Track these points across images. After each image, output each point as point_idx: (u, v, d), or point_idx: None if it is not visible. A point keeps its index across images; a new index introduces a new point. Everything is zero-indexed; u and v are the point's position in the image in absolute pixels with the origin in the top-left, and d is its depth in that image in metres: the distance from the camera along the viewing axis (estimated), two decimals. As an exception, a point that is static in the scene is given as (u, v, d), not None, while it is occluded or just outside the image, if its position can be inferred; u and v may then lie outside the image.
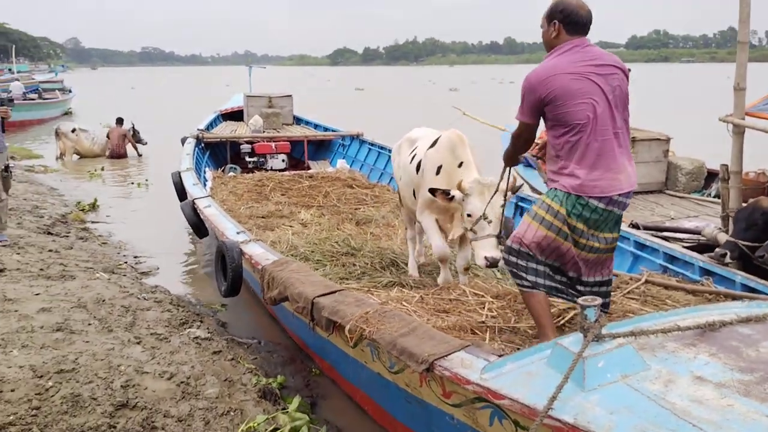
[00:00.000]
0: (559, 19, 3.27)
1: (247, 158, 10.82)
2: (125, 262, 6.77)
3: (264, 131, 11.64)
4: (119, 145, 14.86)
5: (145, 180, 12.14)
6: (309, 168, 10.92)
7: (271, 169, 10.64)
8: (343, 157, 11.31)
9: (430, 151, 4.57)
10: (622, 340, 2.23)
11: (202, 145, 10.67)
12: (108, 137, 14.88)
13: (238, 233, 5.22)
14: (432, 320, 3.62)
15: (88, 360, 3.69)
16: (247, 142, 10.91)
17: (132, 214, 9.59)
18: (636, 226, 5.68)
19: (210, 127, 12.24)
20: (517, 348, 3.35)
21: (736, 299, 3.93)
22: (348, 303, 3.40)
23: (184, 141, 10.50)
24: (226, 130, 12.04)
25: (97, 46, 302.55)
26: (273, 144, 10.91)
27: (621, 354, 2.20)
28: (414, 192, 4.87)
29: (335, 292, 3.61)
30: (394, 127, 12.90)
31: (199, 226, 6.73)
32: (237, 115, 13.57)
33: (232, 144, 11.01)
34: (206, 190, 7.95)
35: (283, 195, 8.77)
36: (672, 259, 4.76)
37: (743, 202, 4.66)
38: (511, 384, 2.32)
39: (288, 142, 11.10)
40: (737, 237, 4.28)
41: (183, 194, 7.74)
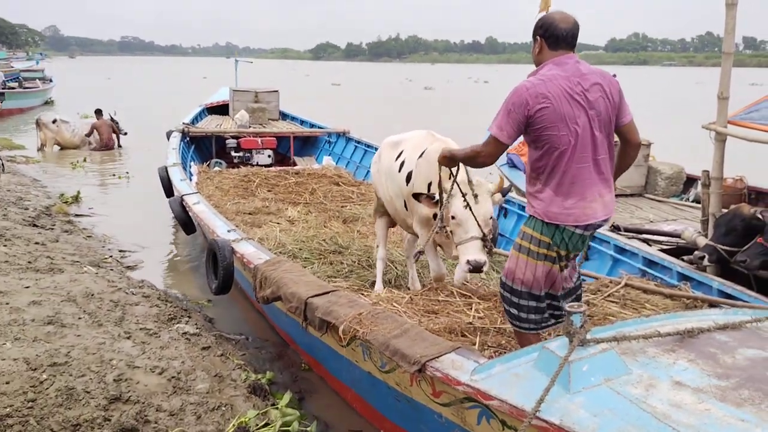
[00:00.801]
0: (540, 35, 3.15)
1: (233, 153, 10.83)
2: (110, 256, 6.79)
3: (250, 126, 11.64)
4: (109, 137, 14.77)
5: (126, 172, 12.10)
6: (295, 164, 10.96)
7: (257, 165, 10.66)
8: (330, 154, 11.37)
9: (420, 162, 4.34)
10: (606, 345, 2.34)
11: (188, 139, 10.66)
12: (95, 129, 14.77)
13: (229, 231, 5.27)
14: (423, 322, 3.72)
15: (80, 354, 3.75)
16: (233, 137, 10.91)
17: (115, 207, 9.57)
18: (617, 228, 5.83)
19: (195, 120, 12.21)
20: (504, 349, 3.46)
21: (712, 305, 4.09)
22: (341, 304, 3.48)
23: (169, 135, 10.48)
24: (212, 125, 12.03)
25: (76, 35, 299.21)
26: (259, 139, 10.93)
27: (604, 358, 2.30)
28: (405, 204, 4.59)
29: (329, 292, 3.70)
30: (364, 121, 13.02)
31: (187, 223, 6.76)
32: (223, 109, 13.54)
33: (218, 138, 11.01)
34: (192, 186, 7.97)
35: (269, 191, 8.82)
36: (650, 263, 4.91)
37: (722, 207, 4.82)
38: (499, 385, 2.42)
39: (274, 138, 11.12)
40: (716, 241, 4.44)
41: (170, 190, 7.76)
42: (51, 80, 29.04)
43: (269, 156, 10.95)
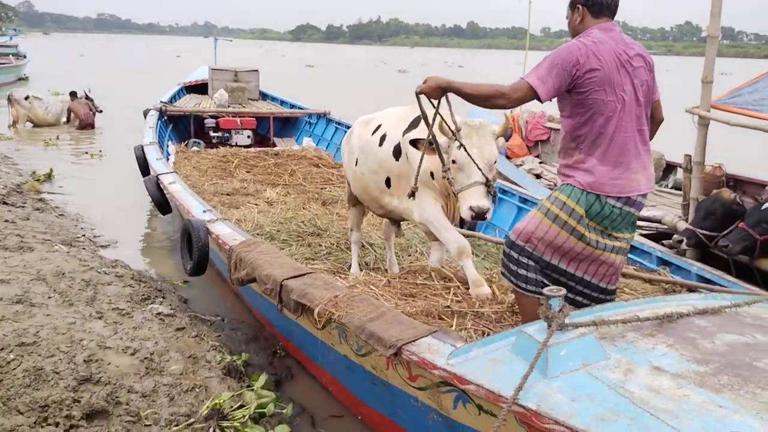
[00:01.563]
0: (582, 2, 3.10)
1: (212, 133, 10.68)
2: (83, 235, 6.66)
3: (229, 106, 11.49)
4: (88, 114, 14.48)
5: (99, 151, 11.87)
6: (274, 145, 10.85)
7: (236, 145, 10.53)
8: (310, 136, 11.27)
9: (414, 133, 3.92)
10: (584, 330, 2.30)
11: (165, 118, 10.49)
12: (72, 111, 14.48)
13: (205, 212, 5.18)
14: (400, 305, 3.68)
15: (49, 334, 3.65)
16: (212, 117, 10.76)
17: (88, 186, 9.38)
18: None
19: (173, 99, 12.02)
20: (483, 332, 3.43)
21: (691, 289, 4.09)
22: (317, 286, 3.42)
23: (146, 113, 10.30)
24: (190, 104, 11.85)
25: (51, 11, 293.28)
26: (238, 119, 10.79)
27: (583, 343, 2.26)
28: (389, 181, 4.24)
29: (304, 274, 3.63)
30: (333, 101, 12.92)
31: (163, 203, 6.64)
32: (201, 89, 13.34)
33: (196, 118, 10.85)
34: (169, 165, 7.84)
35: (248, 172, 8.72)
36: (630, 248, 4.90)
37: (702, 195, 4.82)
38: (476, 370, 2.38)
39: (254, 118, 10.99)
40: (696, 226, 4.45)
41: (146, 169, 7.62)
42: (25, 56, 28.45)
43: (248, 136, 10.82)
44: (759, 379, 2.06)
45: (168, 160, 8.54)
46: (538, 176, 7.84)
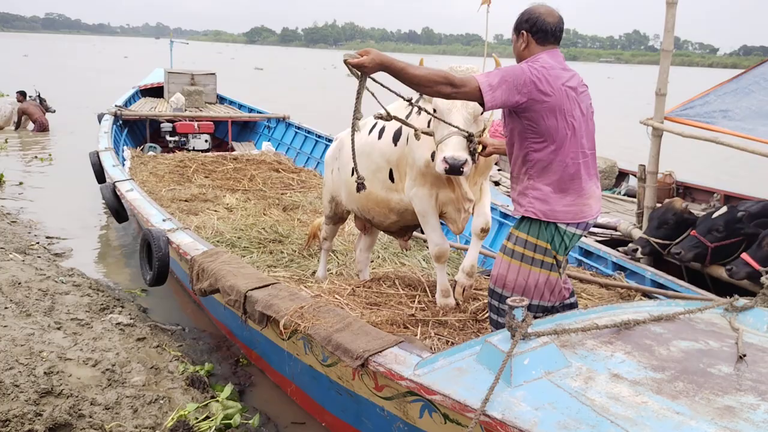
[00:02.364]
0: (527, 29, 3.03)
1: (168, 137, 10.54)
2: (37, 243, 6.49)
3: (186, 110, 11.34)
4: (42, 117, 14.04)
5: (49, 155, 11.56)
6: (233, 150, 10.75)
7: (194, 150, 10.41)
8: (269, 140, 11.20)
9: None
10: (546, 339, 2.36)
11: (120, 122, 10.30)
12: (24, 113, 14.00)
13: (165, 221, 5.11)
14: (365, 314, 3.70)
15: (7, 345, 3.59)
16: (168, 121, 10.62)
17: (41, 192, 9.13)
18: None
19: (128, 103, 11.81)
20: (447, 341, 3.48)
21: (645, 294, 4.23)
22: (282, 297, 3.42)
23: (101, 118, 10.10)
24: (146, 107, 11.66)
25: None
26: (195, 123, 10.67)
27: (545, 352, 2.33)
28: (392, 174, 4.03)
29: (269, 285, 3.62)
30: (278, 103, 12.90)
31: (119, 211, 6.53)
32: (157, 92, 13.14)
33: (152, 122, 10.69)
34: (125, 171, 7.70)
35: (206, 177, 8.62)
36: (587, 253, 5.04)
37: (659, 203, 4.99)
38: (442, 380, 2.42)
39: (211, 122, 10.89)
40: (649, 234, 4.60)
41: (102, 175, 7.47)
42: None
43: (206, 141, 10.71)
44: (713, 385, 2.15)
45: (123, 165, 8.40)
46: (497, 183, 7.96)
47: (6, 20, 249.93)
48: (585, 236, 3.23)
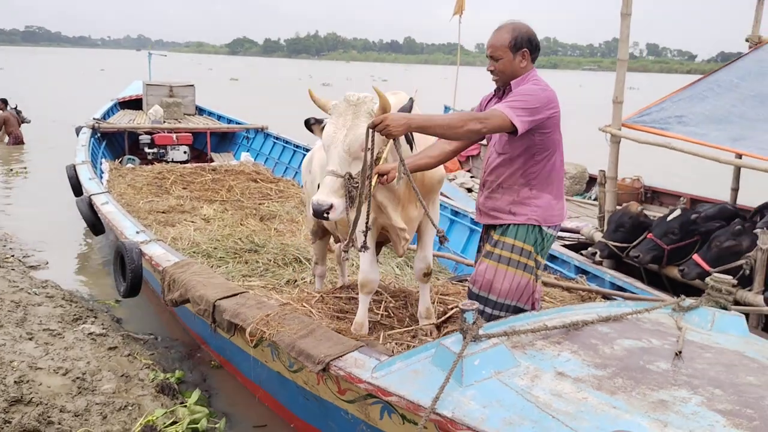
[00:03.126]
0: (529, 48, 3.14)
1: (147, 149, 10.57)
2: (12, 255, 6.52)
3: (164, 121, 11.39)
4: (17, 130, 13.95)
5: (24, 168, 11.53)
6: (212, 161, 10.81)
7: (172, 161, 10.46)
8: (248, 150, 11.27)
9: None
10: (496, 340, 2.47)
11: (98, 135, 10.32)
12: (4, 123, 13.91)
13: (138, 233, 5.17)
14: (333, 322, 3.78)
15: (-23, 356, 3.63)
16: (147, 133, 10.65)
17: (16, 205, 9.12)
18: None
19: (107, 115, 11.83)
20: (409, 345, 3.58)
21: (605, 296, 4.36)
22: (249, 306, 3.50)
23: (78, 131, 10.12)
24: (124, 119, 11.69)
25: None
26: (174, 135, 10.72)
27: (495, 353, 2.43)
28: None
29: (237, 294, 3.70)
30: (251, 112, 12.92)
31: (95, 224, 6.57)
32: (136, 104, 13.17)
33: (131, 134, 10.71)
34: (103, 183, 7.74)
35: (184, 189, 8.67)
36: (551, 257, 5.17)
37: (618, 206, 5.13)
38: (398, 382, 2.52)
39: (190, 134, 10.93)
40: (608, 238, 4.74)
41: (78, 189, 7.50)
42: None
43: (185, 152, 10.76)
44: (650, 381, 2.27)
45: (101, 177, 8.43)
46: (470, 190, 8.10)
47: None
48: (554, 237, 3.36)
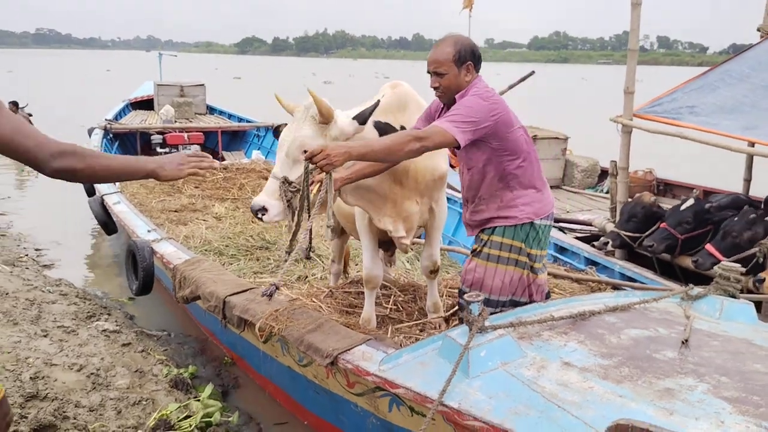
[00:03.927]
0: (473, 60, 3.10)
1: (159, 149, 10.63)
2: (26, 255, 6.61)
3: (176, 121, 11.46)
4: None
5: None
6: (223, 159, 10.85)
7: None
8: (258, 148, 11.31)
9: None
10: (503, 331, 2.48)
11: (111, 136, 10.41)
12: None
13: (149, 231, 5.22)
14: (342, 317, 3.80)
15: (-6, 353, 3.70)
16: (158, 133, 10.72)
17: (30, 205, 9.24)
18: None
19: (119, 116, 11.92)
20: (417, 339, 3.59)
21: (615, 287, 4.35)
22: (258, 301, 3.52)
23: (91, 132, 10.21)
24: (136, 120, 11.77)
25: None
26: (185, 134, 10.77)
27: (501, 344, 2.44)
28: None
29: (246, 290, 3.73)
30: (254, 110, 12.95)
31: (108, 223, 6.63)
32: (147, 104, 13.26)
33: (143, 134, 10.78)
34: (116, 183, 7.81)
35: (196, 187, 8.71)
36: (561, 249, 5.16)
37: (630, 198, 5.11)
38: (405, 374, 2.53)
39: (201, 133, 10.99)
40: (620, 228, 4.72)
41: (91, 189, 7.58)
42: None
43: (196, 151, 10.81)
44: (656, 369, 2.27)
45: (115, 177, 8.51)
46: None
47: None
48: (558, 229, 3.35)
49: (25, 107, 14.57)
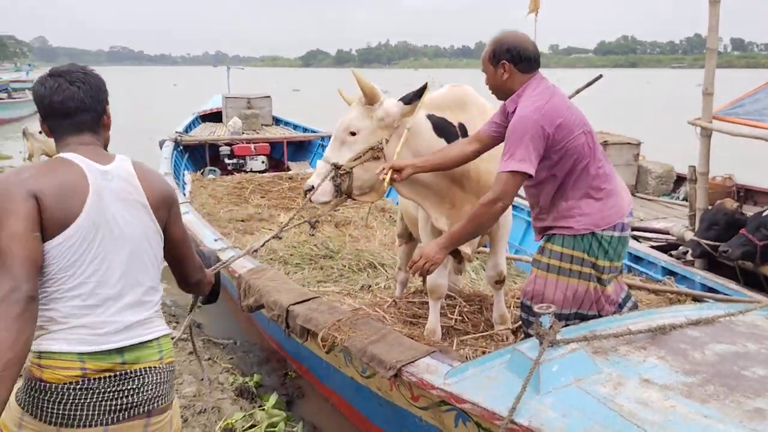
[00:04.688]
0: (508, 59, 2.95)
1: (227, 160, 10.86)
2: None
3: (243, 133, 11.68)
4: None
5: None
6: (289, 169, 10.98)
7: (251, 171, 10.69)
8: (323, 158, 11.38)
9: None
10: (575, 345, 2.35)
11: (181, 148, 10.69)
12: None
13: (216, 240, 5.29)
14: (406, 328, 3.72)
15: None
16: (226, 144, 10.94)
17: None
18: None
19: (188, 129, 12.25)
20: (484, 351, 3.47)
21: (695, 299, 4.11)
22: (321, 311, 3.49)
23: (162, 144, 10.52)
24: (205, 132, 12.07)
25: (65, 45, 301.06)
26: (252, 145, 10.96)
27: (574, 358, 2.31)
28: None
29: (309, 299, 3.71)
30: (314, 121, 13.00)
31: None
32: (216, 117, 13.59)
33: (211, 146, 11.03)
34: (185, 194, 7.99)
35: (262, 197, 8.83)
36: (636, 259, 4.93)
37: (710, 205, 4.84)
38: (472, 388, 2.43)
39: (267, 144, 11.16)
40: (700, 236, 4.47)
41: None
42: None
43: (263, 162, 10.99)
44: (745, 388, 2.10)
45: (184, 189, 8.72)
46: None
47: (73, 55, 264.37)
48: (627, 237, 3.11)
49: None
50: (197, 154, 11.30)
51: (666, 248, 5.19)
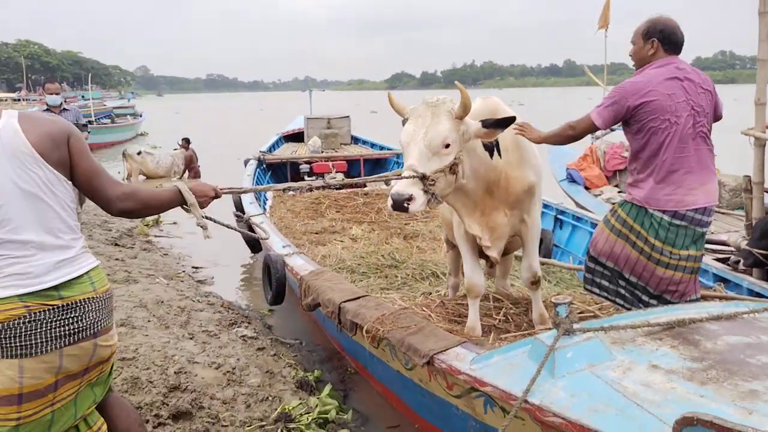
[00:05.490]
0: (659, 38, 3.39)
1: (306, 177, 11.35)
2: (183, 271, 7.36)
3: (322, 151, 12.17)
4: (197, 165, 15.58)
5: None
6: (365, 186, 11.35)
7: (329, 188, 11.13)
8: None
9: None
10: (591, 334, 2.49)
11: (264, 166, 11.29)
12: (191, 161, 15.50)
13: (284, 247, 5.66)
14: (449, 325, 3.92)
15: (146, 350, 4.22)
16: (306, 162, 11.45)
17: (191, 230, 10.19)
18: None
19: (272, 148, 12.89)
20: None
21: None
22: (369, 307, 3.75)
23: (246, 162, 11.15)
24: (287, 151, 12.66)
25: (165, 74, 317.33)
26: (330, 163, 11.40)
27: (589, 346, 2.45)
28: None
29: (360, 297, 3.98)
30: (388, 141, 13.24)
31: (254, 243, 7.27)
32: (298, 137, 14.20)
33: (292, 164, 11.57)
34: (266, 209, 8.50)
35: (337, 212, 9.20)
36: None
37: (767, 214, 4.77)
38: (494, 373, 2.61)
39: (345, 161, 11.59)
40: (752, 245, 4.43)
41: (241, 213, 8.31)
42: (141, 115, 32.28)
43: (341, 179, 11.40)
44: (745, 373, 2.18)
45: (266, 204, 9.25)
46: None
47: (173, 83, 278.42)
48: (689, 228, 3.36)
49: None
50: (279, 172, 11.87)
51: (728, 260, 5.13)
